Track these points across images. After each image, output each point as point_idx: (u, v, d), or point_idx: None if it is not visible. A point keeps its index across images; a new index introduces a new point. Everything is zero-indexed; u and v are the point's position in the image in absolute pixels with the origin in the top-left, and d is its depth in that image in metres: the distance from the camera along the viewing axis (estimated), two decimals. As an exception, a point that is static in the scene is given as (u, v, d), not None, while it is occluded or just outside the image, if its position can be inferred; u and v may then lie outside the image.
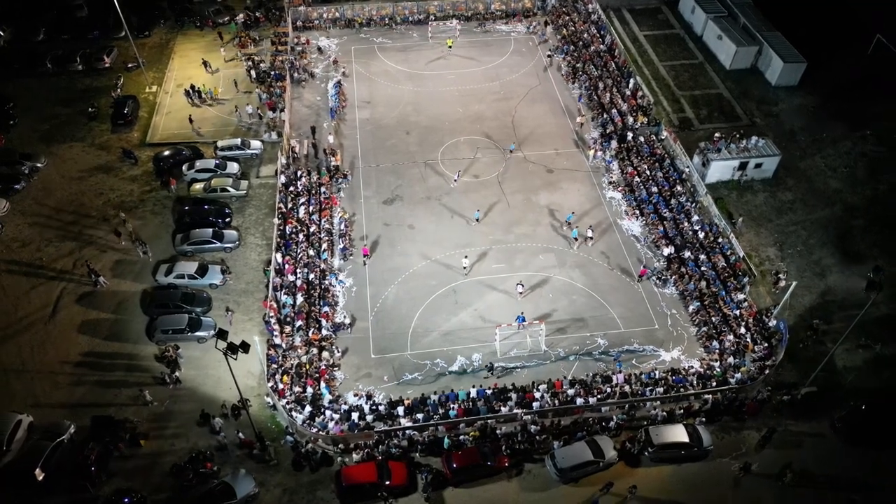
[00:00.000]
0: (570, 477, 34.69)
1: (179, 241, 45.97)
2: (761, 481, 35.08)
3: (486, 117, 58.49)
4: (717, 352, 40.87)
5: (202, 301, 42.30)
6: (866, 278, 33.39)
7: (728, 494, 34.79)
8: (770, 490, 34.80)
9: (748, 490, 34.88)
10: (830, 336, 41.47)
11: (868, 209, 50.15)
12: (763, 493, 34.81)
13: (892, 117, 57.44)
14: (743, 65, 63.04)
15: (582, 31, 66.80)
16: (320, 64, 64.23)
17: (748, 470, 34.73)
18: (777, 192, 51.57)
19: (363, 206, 50.52)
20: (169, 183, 50.10)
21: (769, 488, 34.87)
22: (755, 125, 57.23)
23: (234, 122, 57.35)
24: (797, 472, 34.66)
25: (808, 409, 37.76)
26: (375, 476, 33.73)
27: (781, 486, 34.66)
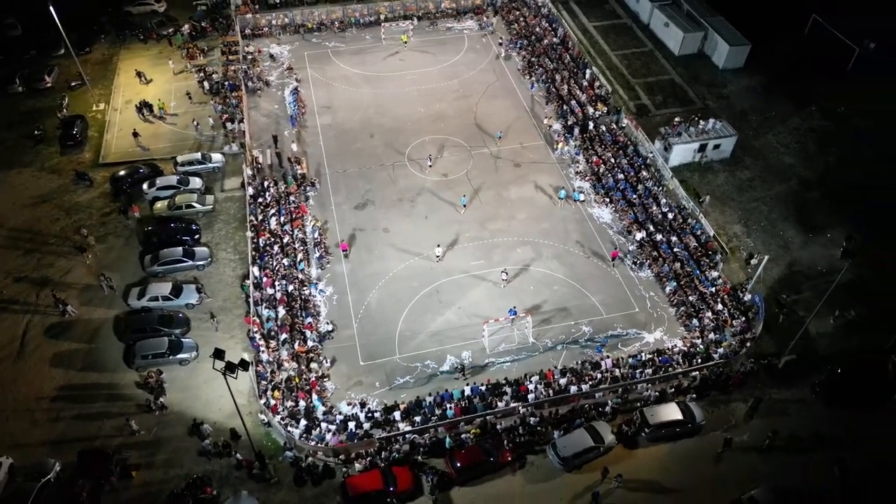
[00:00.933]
0: (573, 464, 35.16)
1: (149, 263, 44.42)
2: (754, 450, 36.30)
3: (448, 116, 58.56)
4: (697, 329, 42.03)
5: (180, 322, 40.99)
6: (841, 247, 34.79)
7: (725, 465, 35.82)
8: (762, 458, 36.00)
9: (742, 459, 35.99)
10: (801, 305, 43.27)
11: (821, 182, 52.43)
12: (754, 460, 35.99)
13: (833, 93, 60.22)
14: (690, 50, 64.97)
15: (534, 26, 67.61)
16: (274, 72, 63.04)
17: (730, 445, 35.73)
18: (736, 171, 53.40)
19: (335, 213, 49.88)
20: (129, 210, 47.85)
21: (761, 456, 36.07)
22: (708, 108, 59.06)
23: (191, 136, 55.76)
24: (775, 436, 35.85)
25: (789, 377, 39.28)
26: (381, 483, 33.43)
27: (772, 453, 35.89)
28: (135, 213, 47.59)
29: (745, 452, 36.34)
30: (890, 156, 53.47)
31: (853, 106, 58.79)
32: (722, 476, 35.32)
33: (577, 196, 50.57)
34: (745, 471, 35.42)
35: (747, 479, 34.94)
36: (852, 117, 57.85)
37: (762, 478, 34.87)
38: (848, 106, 59.09)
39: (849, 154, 54.42)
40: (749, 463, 35.85)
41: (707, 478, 35.31)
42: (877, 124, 56.64)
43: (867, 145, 54.99)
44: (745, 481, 34.74)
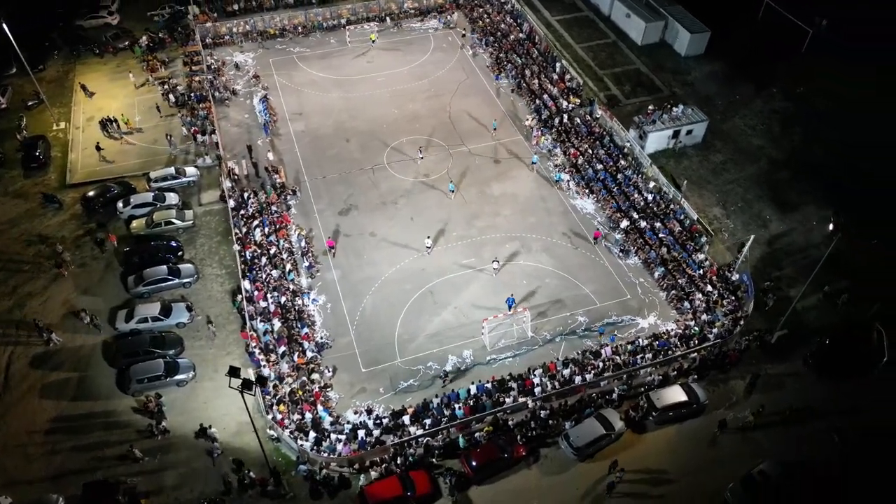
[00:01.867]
0: (587, 454, 35.59)
1: (132, 284, 42.98)
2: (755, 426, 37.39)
3: (422, 116, 58.39)
4: (689, 312, 43.01)
5: (173, 342, 39.82)
6: (830, 222, 35.95)
7: (729, 443, 36.74)
8: (764, 432, 37.06)
9: (746, 436, 36.98)
10: (785, 280, 44.74)
11: (789, 161, 54.26)
12: (757, 435, 37.01)
13: (791, 74, 62.42)
14: (653, 39, 66.34)
15: (498, 22, 67.96)
16: (240, 80, 61.73)
17: (724, 427, 36.53)
18: (709, 155, 54.82)
19: (319, 221, 49.19)
20: (106, 240, 45.69)
21: (763, 431, 37.13)
22: (675, 95, 60.42)
23: (161, 151, 54.14)
24: (759, 414, 36.90)
25: (782, 352, 40.55)
26: (400, 489, 33.20)
27: (774, 427, 37.02)
28: (112, 242, 45.39)
29: (745, 432, 37.29)
30: (850, 133, 55.75)
31: (811, 85, 61.03)
32: (729, 453, 36.24)
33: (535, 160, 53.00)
34: (749, 447, 36.43)
35: (752, 454, 35.95)
36: (812, 97, 60.01)
37: (766, 451, 35.92)
38: (806, 86, 61.30)
39: (812, 133, 56.46)
40: (752, 438, 36.85)
41: (715, 456, 36.21)
42: (835, 103, 58.89)
43: (827, 124, 57.14)
44: (752, 456, 35.73)
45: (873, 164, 52.47)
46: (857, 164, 52.94)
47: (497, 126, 56.30)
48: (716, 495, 34.51)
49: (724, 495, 34.32)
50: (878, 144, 53.96)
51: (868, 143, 54.30)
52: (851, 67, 62.18)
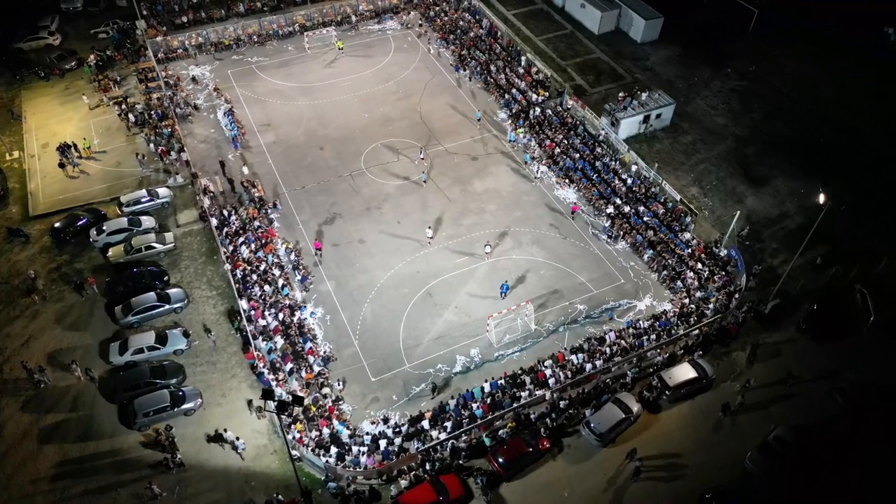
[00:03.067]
0: (609, 439, 36.11)
1: (120, 314, 41.08)
2: (760, 393, 38.71)
3: (394, 118, 57.90)
4: (683, 290, 44.16)
5: (174, 371, 38.29)
6: (819, 191, 37.47)
7: (739, 415, 37.90)
8: (770, 399, 38.42)
9: (753, 405, 38.23)
10: (768, 252, 46.48)
11: (753, 137, 56.35)
12: (764, 403, 38.34)
13: (742, 53, 64.91)
14: (608, 28, 67.65)
15: (457, 20, 67.98)
16: (200, 94, 59.76)
17: (727, 410, 37.34)
18: (678, 137, 56.37)
19: (304, 232, 48.18)
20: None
21: (769, 398, 38.50)
22: (637, 81, 61.79)
23: (129, 174, 51.91)
24: (745, 388, 38.23)
25: (777, 320, 42.12)
26: (434, 495, 32.96)
27: (776, 393, 38.50)
28: (92, 286, 42.85)
29: (752, 399, 38.61)
30: (803, 106, 58.40)
31: (762, 63, 63.55)
32: (741, 423, 37.38)
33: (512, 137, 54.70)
34: (759, 416, 37.67)
35: (763, 421, 37.22)
36: (764, 74, 62.49)
37: (775, 418, 37.25)
38: (758, 64, 63.78)
39: (770, 108, 58.79)
40: (760, 406, 38.13)
41: (728, 428, 37.29)
42: (786, 79, 61.55)
43: (782, 99, 59.66)
44: (763, 423, 37.01)
45: (831, 135, 55.20)
46: (815, 135, 55.56)
47: (480, 116, 56.63)
48: (736, 465, 35.59)
49: (744, 464, 35.41)
50: (830, 116, 56.72)
51: (822, 115, 57.01)
52: (796, 44, 65.25)
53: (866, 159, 53.18)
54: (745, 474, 35.27)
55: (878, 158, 53.14)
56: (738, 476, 35.20)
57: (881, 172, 51.73)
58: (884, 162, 52.74)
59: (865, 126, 56.33)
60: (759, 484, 34.64)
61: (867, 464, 35.23)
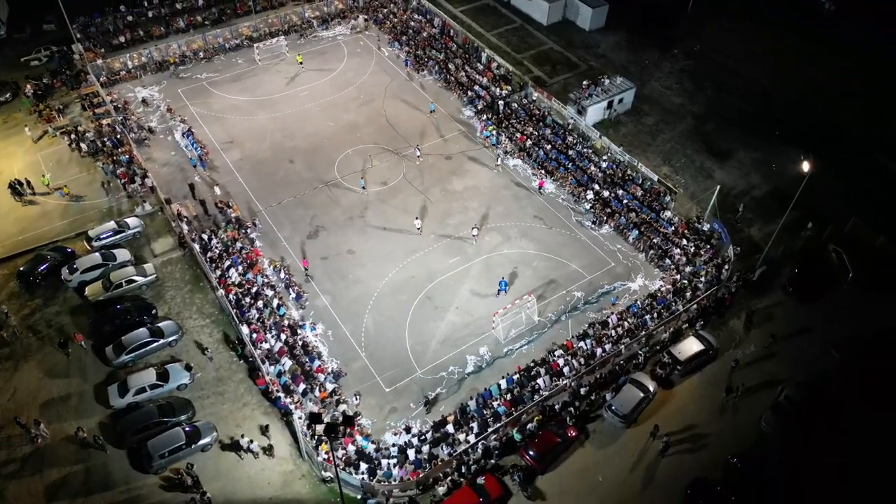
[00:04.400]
0: (632, 419, 36.87)
1: (112, 355, 38.84)
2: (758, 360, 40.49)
3: (360, 125, 57.06)
4: (672, 267, 45.52)
5: (183, 407, 36.54)
6: (802, 158, 39.29)
7: (745, 379, 39.36)
8: (773, 362, 40.15)
9: (757, 369, 39.88)
10: (746, 221, 48.52)
11: (709, 113, 58.69)
12: (767, 367, 40.03)
13: (685, 34, 67.53)
14: (556, 19, 68.94)
15: (406, 21, 67.57)
16: (153, 116, 57.13)
17: (731, 392, 38.32)
18: (641, 119, 58.04)
19: (289, 248, 46.90)
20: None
21: (772, 361, 40.23)
22: (592, 69, 63.22)
23: (90, 206, 49.10)
24: (737, 365, 39.67)
25: (765, 286, 44.04)
26: (476, 498, 32.81)
27: (776, 356, 40.26)
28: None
29: (755, 363, 40.25)
30: (749, 79, 61.26)
31: (704, 42, 66.25)
32: (749, 388, 38.84)
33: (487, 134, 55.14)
34: (765, 378, 39.30)
35: (769, 384, 38.87)
36: (708, 53, 65.19)
37: (779, 379, 38.96)
38: (701, 43, 66.40)
39: (719, 85, 61.38)
40: (765, 369, 39.81)
41: (739, 394, 38.68)
42: (728, 55, 64.42)
43: (728, 74, 62.37)
44: (770, 386, 38.65)
45: (778, 106, 58.23)
46: (765, 107, 58.41)
47: (435, 108, 56.85)
48: (753, 427, 37.02)
49: (760, 426, 36.89)
50: (776, 87, 59.80)
51: (766, 88, 60.04)
52: (733, 20, 68.39)
53: (815, 126, 56.27)
54: (762, 436, 36.72)
55: (826, 124, 56.29)
56: (756, 438, 36.61)
57: (832, 137, 54.82)
58: (832, 127, 55.92)
59: (812, 96, 59.59)
60: (776, 443, 36.12)
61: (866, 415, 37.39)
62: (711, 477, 34.51)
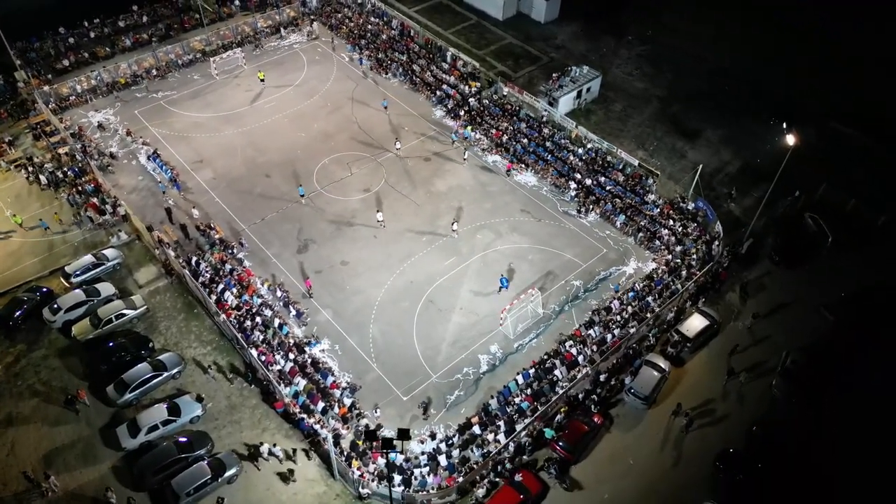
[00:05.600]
0: (652, 399, 37.61)
1: (114, 394, 36.86)
2: (759, 327, 41.97)
3: (332, 133, 56.01)
4: (662, 248, 46.64)
5: (201, 440, 35.05)
6: (783, 129, 40.80)
7: (751, 350, 40.83)
8: (773, 329, 41.68)
9: (759, 337, 41.39)
10: (724, 196, 50.19)
11: (672, 95, 60.41)
12: (769, 333, 41.57)
13: (636, 20, 69.29)
14: (511, 13, 69.46)
15: (363, 24, 66.70)
16: (112, 140, 54.47)
17: (732, 374, 39.01)
18: (609, 106, 59.20)
19: (280, 265, 45.63)
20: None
21: (772, 328, 41.78)
22: (554, 60, 64.05)
23: (59, 242, 46.44)
24: (735, 349, 40.79)
25: (753, 258, 45.69)
26: (518, 496, 32.80)
27: (776, 324, 41.89)
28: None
29: (756, 333, 41.75)
30: (701, 58, 63.38)
31: (656, 26, 68.09)
32: (755, 356, 40.26)
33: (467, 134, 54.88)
34: (769, 346, 40.78)
35: (773, 350, 40.39)
36: (660, 36, 67.07)
37: (782, 345, 40.51)
38: (652, 27, 68.24)
39: (677, 67, 63.24)
40: (765, 338, 41.29)
41: (746, 362, 40.02)
42: (680, 36, 66.40)
43: (684, 56, 64.34)
44: (773, 353, 40.13)
45: (731, 81, 60.48)
46: (721, 85, 60.58)
47: (387, 104, 56.97)
48: (765, 394, 38.39)
49: (772, 392, 38.30)
50: (726, 64, 62.11)
51: (717, 66, 62.36)
52: (678, 3, 70.52)
53: (770, 98, 58.69)
54: (774, 402, 38.13)
55: (781, 97, 58.81)
56: (769, 404, 37.99)
57: (787, 109, 57.14)
58: (787, 99, 58.44)
59: (762, 68, 62.10)
60: (787, 407, 37.62)
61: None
62: (736, 447, 35.57)
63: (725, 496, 33.77)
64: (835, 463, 35.03)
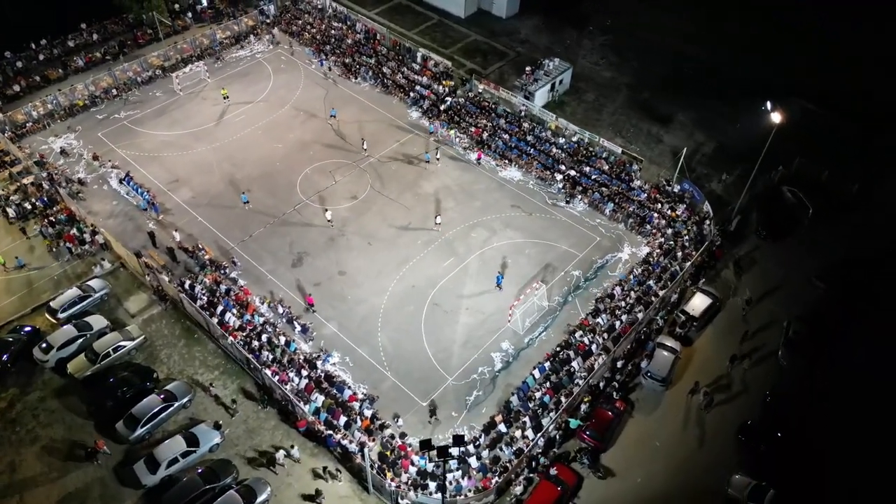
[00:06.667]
0: (669, 380, 38.35)
1: (125, 431, 35.20)
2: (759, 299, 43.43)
3: (309, 142, 54.90)
4: (653, 232, 47.58)
5: (225, 468, 33.83)
6: (770, 111, 42.09)
7: (753, 321, 42.07)
8: (772, 301, 43.04)
9: (760, 310, 42.72)
10: (704, 178, 51.57)
11: (640, 82, 61.66)
12: (768, 306, 42.94)
13: (594, 10, 70.43)
14: (473, 10, 69.59)
15: (327, 29, 65.60)
16: (77, 166, 51.95)
17: (735, 362, 39.79)
18: (581, 97, 60.02)
19: (277, 282, 44.50)
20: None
21: (771, 300, 43.16)
22: (521, 55, 64.47)
23: (37, 277, 44.03)
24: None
25: (742, 234, 47.12)
26: (557, 490, 32.92)
27: (772, 296, 43.38)
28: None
29: (759, 307, 43.06)
30: (661, 45, 64.88)
31: (614, 15, 69.35)
32: (757, 327, 41.53)
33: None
34: (769, 317, 42.14)
35: (773, 321, 41.76)
36: (620, 26, 68.34)
37: (780, 316, 41.91)
38: (612, 18, 69.49)
39: (640, 54, 64.57)
40: (766, 310, 42.61)
41: (751, 339, 41.18)
42: (639, 24, 67.79)
43: (644, 43, 65.76)
44: (774, 324, 41.51)
45: (692, 66, 62.20)
46: (684, 70, 62.21)
47: (336, 113, 56.05)
48: (773, 365, 39.62)
49: (778, 362, 39.59)
50: (685, 49, 63.84)
51: (682, 52, 64.04)
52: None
53: (732, 79, 60.58)
54: (782, 370, 39.42)
55: (743, 77, 60.79)
56: (778, 373, 39.28)
57: (752, 89, 59.04)
58: (750, 80, 60.43)
59: (721, 51, 64.05)
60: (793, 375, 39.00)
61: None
62: (754, 419, 36.63)
63: (752, 467, 34.71)
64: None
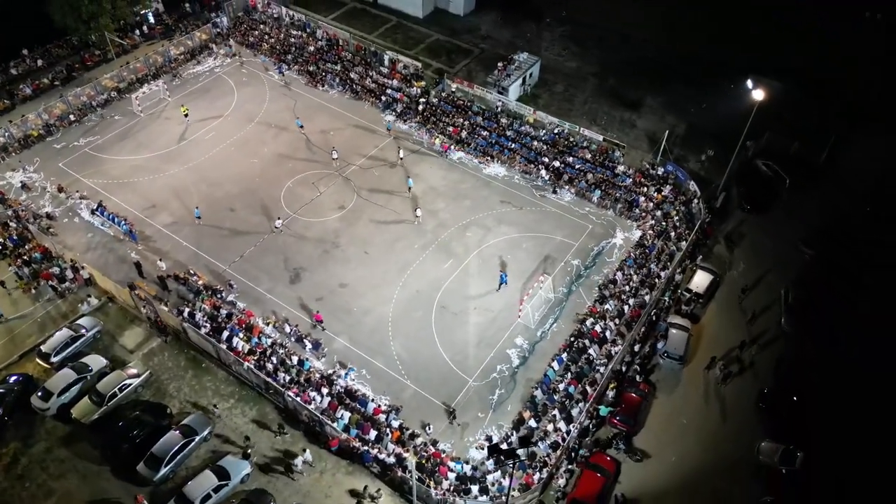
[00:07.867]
0: (686, 357, 39.31)
1: (147, 472, 33.48)
2: (753, 274, 44.91)
3: (286, 154, 53.53)
4: (642, 215, 48.62)
5: (263, 498, 32.65)
6: (753, 88, 43.52)
7: (753, 295, 43.44)
8: (771, 273, 44.63)
9: (757, 284, 44.22)
10: (682, 159, 53.02)
11: (605, 71, 62.81)
12: (767, 278, 44.56)
13: (548, 3, 71.17)
14: (430, 9, 69.32)
15: (286, 38, 64.04)
16: (42, 200, 49.04)
17: (745, 348, 40.80)
18: (551, 88, 60.70)
19: (278, 301, 43.26)
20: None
21: (764, 273, 44.82)
22: (485, 51, 64.67)
23: (16, 324, 41.35)
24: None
25: (728, 210, 48.70)
26: (600, 478, 33.26)
27: (768, 268, 45.00)
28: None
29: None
30: (618, 32, 66.31)
31: (568, 7, 70.42)
32: (757, 302, 42.94)
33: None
34: (767, 288, 43.66)
35: (770, 290, 43.33)
36: (576, 15, 69.46)
37: (777, 284, 43.51)
38: (565, 9, 70.52)
39: (600, 42, 65.81)
40: (765, 281, 44.14)
41: (753, 308, 42.59)
42: (595, 13, 69.02)
43: (603, 31, 67.03)
44: (772, 293, 43.08)
45: (650, 50, 63.75)
46: (645, 55, 63.78)
47: (303, 125, 55.21)
48: (777, 334, 41.13)
49: (782, 329, 41.12)
50: (643, 35, 65.51)
51: (640, 38, 65.59)
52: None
53: (687, 62, 62.48)
54: (786, 336, 40.92)
55: (698, 58, 62.75)
56: (784, 340, 40.79)
57: (709, 69, 61.09)
58: (707, 63, 62.40)
59: (677, 34, 65.91)
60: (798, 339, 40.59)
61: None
62: (771, 387, 37.96)
63: (775, 433, 35.96)
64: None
